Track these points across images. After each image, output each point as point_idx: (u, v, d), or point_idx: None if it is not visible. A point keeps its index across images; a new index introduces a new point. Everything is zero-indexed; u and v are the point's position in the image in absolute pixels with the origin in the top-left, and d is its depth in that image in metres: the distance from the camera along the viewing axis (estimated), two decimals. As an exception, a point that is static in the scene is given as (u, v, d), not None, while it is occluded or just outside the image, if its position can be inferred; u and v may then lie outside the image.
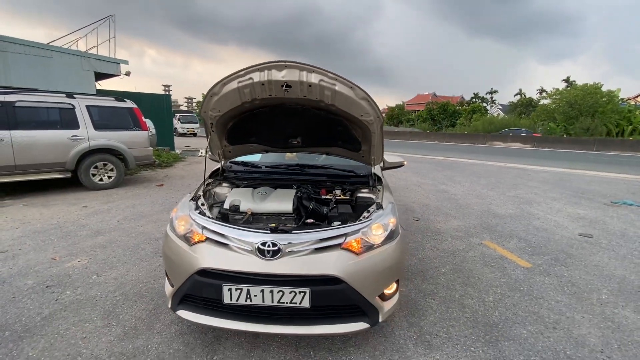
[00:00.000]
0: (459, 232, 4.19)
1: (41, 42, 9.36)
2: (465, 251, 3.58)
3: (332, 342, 2.04)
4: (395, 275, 1.98)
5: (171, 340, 2.02)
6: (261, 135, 2.53)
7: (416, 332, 2.17)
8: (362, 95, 2.06)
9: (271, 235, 1.75)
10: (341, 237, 1.81)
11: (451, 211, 5.20)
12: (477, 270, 3.12)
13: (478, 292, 2.71)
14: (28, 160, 5.27)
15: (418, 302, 2.54)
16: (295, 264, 1.72)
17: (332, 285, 1.72)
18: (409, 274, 2.99)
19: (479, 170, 10.04)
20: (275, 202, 2.21)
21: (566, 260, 3.38)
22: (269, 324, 1.76)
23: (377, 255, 1.86)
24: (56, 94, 5.67)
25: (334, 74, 1.98)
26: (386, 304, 1.94)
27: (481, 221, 4.69)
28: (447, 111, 45.16)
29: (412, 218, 4.77)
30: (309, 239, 1.77)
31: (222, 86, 2.05)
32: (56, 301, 2.41)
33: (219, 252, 1.78)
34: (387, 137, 27.59)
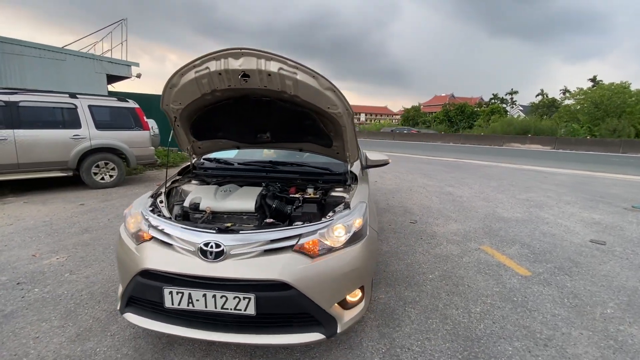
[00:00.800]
0: (456, 236, 3.93)
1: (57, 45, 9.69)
2: (460, 257, 3.33)
3: (291, 352, 1.89)
4: (358, 281, 1.80)
5: (122, 344, 1.92)
6: (229, 130, 2.41)
7: (386, 344, 1.98)
8: (327, 86, 1.90)
9: (216, 236, 1.62)
10: (294, 239, 1.65)
11: (453, 214, 4.93)
12: (469, 277, 2.88)
13: (465, 301, 2.48)
14: (31, 159, 5.39)
15: (396, 310, 2.34)
16: (240, 267, 1.58)
17: (280, 291, 1.57)
18: (392, 280, 2.79)
19: (491, 172, 9.61)
20: (237, 201, 2.08)
21: (571, 269, 3.08)
22: (214, 331, 1.62)
23: (335, 259, 1.70)
24: (59, 94, 5.79)
25: (294, 61, 1.83)
26: (347, 313, 1.76)
27: (483, 225, 4.40)
28: (464, 112, 43.96)
29: (409, 220, 4.54)
30: (258, 240, 1.62)
31: (180, 77, 1.95)
32: (22, 298, 2.37)
33: (162, 252, 1.67)
34: (400, 138, 27.12)
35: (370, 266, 1.93)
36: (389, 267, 3.05)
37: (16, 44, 8.53)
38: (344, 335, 2.04)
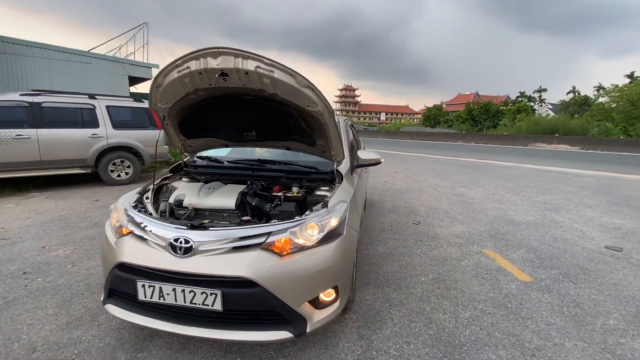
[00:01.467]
0: (459, 239, 3.80)
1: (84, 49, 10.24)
2: (458, 260, 3.22)
3: (266, 349, 1.89)
4: (331, 281, 1.78)
5: (106, 334, 2.00)
6: (216, 129, 2.45)
7: (363, 346, 1.95)
8: (305, 83, 1.89)
9: (186, 231, 1.65)
10: (262, 237, 1.66)
11: (460, 216, 4.77)
12: (464, 281, 2.77)
13: (454, 306, 2.40)
14: (52, 157, 5.72)
15: (380, 312, 2.29)
16: (208, 263, 1.60)
17: (246, 288, 1.57)
18: (382, 281, 2.74)
19: (510, 173, 9.22)
20: (218, 198, 2.11)
21: (578, 277, 2.90)
22: (184, 324, 1.65)
23: (306, 258, 1.68)
24: (79, 95, 6.11)
25: (271, 60, 1.83)
26: (319, 313, 1.75)
27: (490, 227, 4.23)
28: (489, 111, 42.44)
29: (412, 221, 4.44)
30: (226, 237, 1.64)
31: (164, 77, 2.00)
32: (25, 287, 2.52)
33: (137, 246, 1.72)
34: (419, 138, 26.53)
35: (346, 266, 1.90)
36: (381, 268, 3.00)
37: (45, 48, 9.08)
38: (321, 335, 2.03)
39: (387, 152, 15.31)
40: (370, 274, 2.87)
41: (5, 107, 5.35)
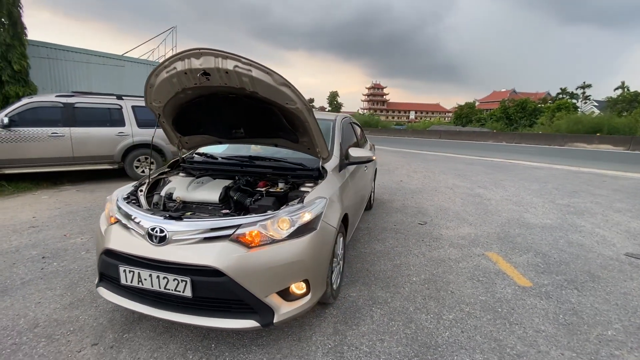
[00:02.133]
0: (463, 240, 3.68)
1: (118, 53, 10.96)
2: (457, 261, 3.12)
3: (241, 337, 1.97)
4: (301, 274, 1.82)
5: (101, 315, 2.17)
6: (207, 126, 2.56)
7: (336, 340, 1.97)
8: (281, 81, 1.94)
9: (161, 221, 1.76)
10: (231, 229, 1.73)
11: (470, 217, 4.60)
12: (457, 283, 2.70)
13: (440, 307, 2.34)
14: (84, 153, 6.20)
15: (361, 309, 2.30)
16: (179, 251, 1.70)
17: (214, 277, 1.65)
18: (371, 279, 2.73)
19: (539, 174, 8.70)
20: (204, 192, 2.22)
21: (585, 284, 2.72)
22: (160, 308, 1.77)
23: (274, 251, 1.74)
24: (108, 96, 6.57)
25: (248, 59, 1.90)
26: (287, 305, 1.80)
27: (500, 230, 4.05)
28: (525, 109, 40.16)
29: (417, 221, 4.35)
30: (197, 228, 1.73)
31: (155, 77, 2.13)
32: (41, 270, 2.79)
33: (121, 234, 1.86)
34: (446, 137, 25.65)
35: (319, 261, 1.92)
36: (374, 266, 2.98)
37: (84, 52, 9.83)
38: (297, 327, 2.07)
39: (410, 151, 15.00)
40: (361, 272, 2.86)
41: (43, 108, 5.88)
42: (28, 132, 5.65)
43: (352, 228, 3.00)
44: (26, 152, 5.67)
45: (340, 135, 3.00)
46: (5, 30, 7.88)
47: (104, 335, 1.97)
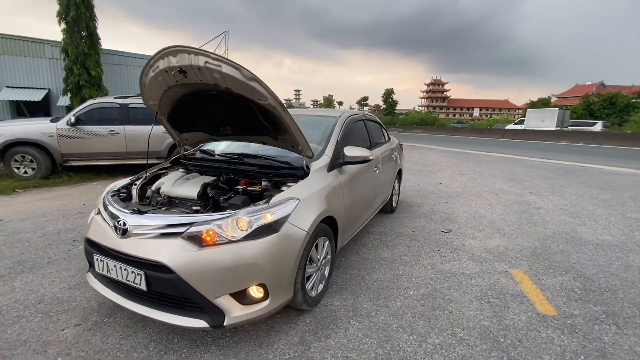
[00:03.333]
0: (487, 253, 3.24)
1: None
2: (470, 277, 2.75)
3: (204, 335, 1.95)
4: (255, 277, 1.74)
5: (94, 298, 2.34)
6: (199, 124, 2.61)
7: (298, 351, 1.84)
8: (250, 76, 1.87)
9: (125, 215, 1.82)
10: (185, 226, 1.72)
11: (507, 227, 4.05)
12: (460, 302, 2.36)
13: (428, 328, 2.07)
14: (136, 148, 6.89)
15: (339, 320, 2.13)
16: (137, 245, 1.74)
17: (164, 273, 1.66)
18: (362, 289, 2.53)
19: (616, 181, 7.35)
20: (185, 188, 2.25)
21: (630, 319, 2.18)
22: (127, 298, 1.84)
23: (227, 251, 1.68)
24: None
25: (217, 55, 1.88)
26: (241, 309, 1.73)
27: (540, 245, 3.48)
28: (615, 105, 34.42)
29: (441, 229, 3.95)
30: (155, 223, 1.75)
31: (145, 76, 2.22)
32: (67, 252, 3.13)
33: (99, 225, 1.98)
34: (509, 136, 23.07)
35: (280, 265, 1.82)
36: (371, 274, 2.77)
37: (136, 57, 10.95)
38: (263, 332, 2.00)
39: (465, 151, 13.87)
40: (355, 279, 2.68)
41: (103, 108, 6.67)
42: (91, 130, 6.46)
43: (350, 232, 2.82)
44: (89, 147, 6.49)
45: (340, 133, 2.83)
46: (84, 42, 9.15)
47: (88, 317, 2.13)
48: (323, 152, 2.55)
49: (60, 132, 6.25)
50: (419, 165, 9.46)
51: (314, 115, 3.32)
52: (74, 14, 8.77)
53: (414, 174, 7.92)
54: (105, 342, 1.89)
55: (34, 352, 1.79)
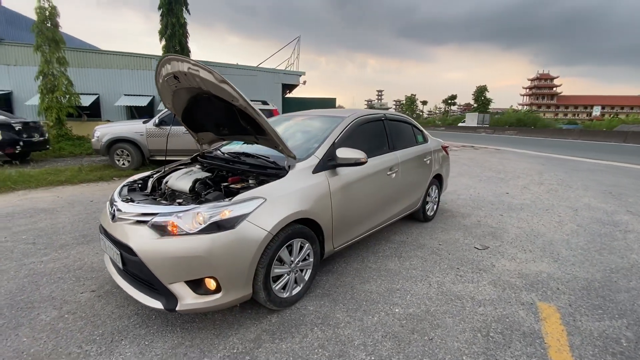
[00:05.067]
0: (519, 279, 2.71)
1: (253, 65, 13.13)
2: (479, 303, 2.35)
3: (176, 317, 2.14)
4: (205, 270, 1.82)
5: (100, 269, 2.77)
6: (206, 125, 2.82)
7: (247, 348, 1.86)
8: (221, 79, 1.98)
9: (118, 202, 2.11)
10: (151, 216, 1.91)
11: (565, 251, 3.31)
12: (450, 330, 2.05)
13: (393, 353, 1.85)
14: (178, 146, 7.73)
15: (302, 325, 2.07)
16: (119, 228, 2.00)
17: (131, 255, 1.88)
18: (345, 297, 2.40)
19: None
20: (181, 182, 2.49)
21: (692, 396, 1.57)
22: (116, 272, 2.15)
23: (181, 242, 1.81)
24: (224, 101, 8.02)
25: (195, 61, 2.05)
26: (195, 297, 1.85)
27: (601, 277, 2.76)
28: None
29: (477, 244, 3.46)
30: (134, 211, 1.99)
31: (157, 82, 2.55)
32: (120, 231, 3.76)
33: (105, 209, 2.33)
34: (633, 140, 18.35)
35: (234, 261, 1.86)
36: (364, 284, 2.60)
37: (227, 66, 12.27)
38: (227, 324, 2.08)
39: (561, 157, 11.76)
40: (342, 287, 2.56)
41: (181, 111, 7.74)
42: (172, 131, 7.57)
43: (345, 238, 2.70)
44: (169, 144, 7.61)
45: (340, 135, 2.73)
46: (177, 55, 10.76)
47: (103, 286, 2.53)
48: (312, 153, 2.50)
49: (148, 132, 7.49)
50: (492, 172, 8.37)
51: (320, 115, 3.27)
52: (170, 31, 10.46)
53: (480, 181, 7.06)
54: (103, 309, 2.23)
55: (53, 307, 2.23)
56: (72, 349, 1.84)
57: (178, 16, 10.57)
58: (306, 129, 3.05)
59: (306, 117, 3.37)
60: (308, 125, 3.10)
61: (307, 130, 3.02)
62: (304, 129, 3.06)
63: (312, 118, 3.23)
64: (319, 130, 2.85)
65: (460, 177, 7.50)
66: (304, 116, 3.42)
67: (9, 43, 11.41)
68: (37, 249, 3.17)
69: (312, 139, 2.74)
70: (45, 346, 1.86)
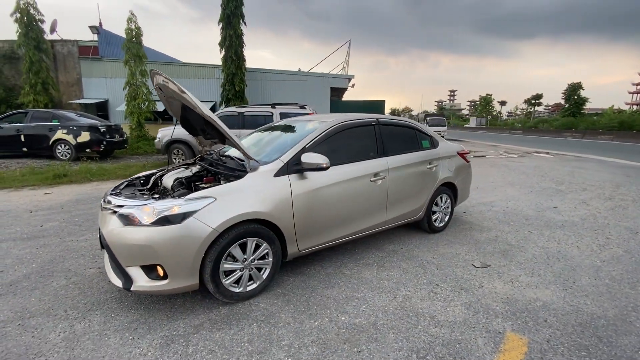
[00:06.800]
0: (501, 305, 2.42)
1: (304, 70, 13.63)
2: (439, 325, 2.17)
3: (149, 297, 2.45)
4: (150, 258, 2.07)
5: (124, 254, 3.25)
6: (197, 129, 3.12)
7: (187, 332, 2.06)
8: (182, 90, 2.23)
9: (110, 196, 2.50)
10: (119, 207, 2.23)
11: (587, 279, 2.82)
12: (385, 346, 1.95)
13: (313, 355, 1.86)
14: (246, 148, 8.42)
15: (243, 320, 2.19)
16: (102, 216, 2.39)
17: (102, 238, 2.23)
18: (300, 299, 2.45)
19: None
20: (167, 180, 2.82)
21: None
22: (105, 252, 2.56)
23: (135, 232, 2.09)
24: (266, 105, 8.53)
25: (166, 75, 2.35)
26: (147, 281, 2.12)
27: (614, 314, 2.31)
28: None
29: (477, 262, 3.15)
30: (113, 203, 2.35)
31: (156, 91, 2.94)
32: (147, 220, 4.35)
33: (105, 201, 2.78)
34: None
35: (176, 252, 2.06)
36: (327, 290, 2.60)
37: (280, 72, 12.94)
38: (183, 309, 2.31)
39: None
40: (302, 290, 2.60)
41: (228, 115, 8.46)
42: (218, 132, 8.36)
43: (315, 242, 2.74)
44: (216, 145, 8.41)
45: (313, 141, 2.77)
46: (233, 64, 11.77)
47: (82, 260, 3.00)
48: (279, 157, 2.60)
49: (199, 134, 8.40)
50: (552, 182, 7.34)
51: (305, 121, 3.33)
52: (228, 43, 11.51)
53: (529, 193, 6.28)
54: (98, 283, 2.66)
55: (64, 277, 2.74)
56: (59, 311, 2.27)
57: (235, 28, 11.60)
58: (287, 134, 3.15)
59: (294, 122, 3.47)
60: (290, 130, 3.20)
61: (287, 135, 3.12)
62: (285, 134, 3.17)
63: (297, 123, 3.32)
64: (297, 136, 2.93)
65: (507, 187, 6.74)
66: (293, 122, 3.52)
67: (106, 59, 13.87)
68: (80, 230, 3.88)
69: (286, 144, 2.84)
70: (44, 306, 2.32)
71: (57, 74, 13.92)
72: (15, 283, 2.64)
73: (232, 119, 8.39)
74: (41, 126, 9.07)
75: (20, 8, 11.84)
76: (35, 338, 1.99)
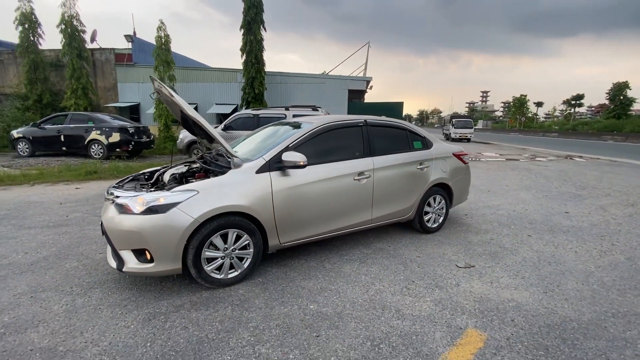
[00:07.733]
0: (471, 303, 2.45)
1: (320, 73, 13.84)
2: (402, 317, 2.25)
3: (142, 279, 2.72)
4: (137, 243, 2.33)
5: (131, 242, 3.59)
6: (194, 130, 3.38)
7: (169, 310, 2.29)
8: (172, 94, 2.48)
9: (112, 188, 2.81)
10: (117, 198, 2.52)
11: (573, 284, 2.76)
12: (345, 333, 2.07)
13: (274, 342, 2.01)
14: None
15: (219, 303, 2.39)
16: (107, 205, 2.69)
17: (101, 225, 2.52)
18: (277, 288, 2.61)
19: None
20: (166, 175, 3.10)
21: None
22: (107, 239, 2.87)
23: (127, 219, 2.36)
24: (279, 108, 8.80)
25: (159, 81, 2.61)
26: (136, 264, 2.38)
27: (589, 318, 2.26)
28: None
29: (463, 262, 3.16)
30: (113, 194, 2.64)
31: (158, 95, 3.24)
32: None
33: (112, 192, 3.10)
34: None
35: (160, 239, 2.29)
36: (304, 281, 2.75)
37: (298, 76, 13.23)
38: (171, 290, 2.55)
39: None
40: (281, 280, 2.76)
41: (243, 118, 8.84)
42: (235, 134, 8.73)
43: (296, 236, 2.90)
44: (231, 146, 8.81)
45: (297, 140, 2.93)
46: (253, 68, 12.21)
47: (116, 251, 3.33)
48: (262, 155, 2.79)
49: (217, 135, 8.83)
50: (573, 187, 7.02)
51: (294, 122, 3.50)
52: (249, 48, 11.98)
53: (543, 197, 6.07)
54: (104, 266, 2.98)
55: (77, 260, 3.10)
56: (66, 287, 2.59)
57: (256, 34, 12.04)
58: (277, 134, 3.34)
59: (285, 124, 3.65)
60: (279, 131, 3.38)
61: (276, 135, 3.31)
62: (274, 135, 3.36)
63: (287, 125, 3.50)
64: (284, 136, 3.11)
65: (521, 191, 6.53)
66: (285, 123, 3.70)
67: (139, 65, 14.88)
68: (98, 220, 4.29)
69: (272, 143, 3.03)
70: (55, 283, 2.66)
71: (95, 79, 15.13)
72: (35, 263, 3.02)
73: (248, 120, 8.76)
74: (78, 127, 9.95)
75: (65, 20, 13.04)
76: (42, 308, 2.31)
